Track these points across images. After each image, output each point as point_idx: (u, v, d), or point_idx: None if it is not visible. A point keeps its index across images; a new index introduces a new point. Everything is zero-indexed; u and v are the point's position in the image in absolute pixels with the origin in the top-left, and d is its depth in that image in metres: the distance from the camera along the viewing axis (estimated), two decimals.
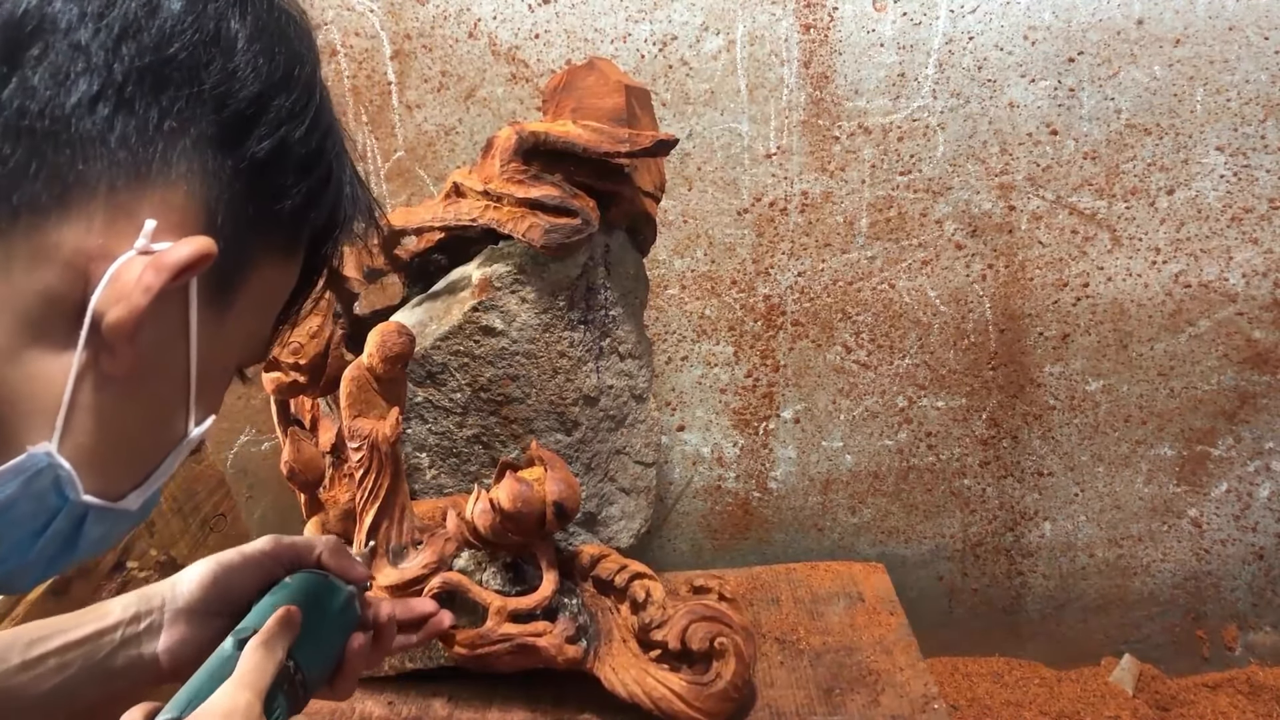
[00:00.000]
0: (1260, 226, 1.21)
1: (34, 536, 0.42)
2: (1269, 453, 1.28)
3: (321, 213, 0.46)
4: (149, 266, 0.38)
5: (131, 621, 0.63)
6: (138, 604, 0.63)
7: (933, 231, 1.22)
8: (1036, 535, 1.32)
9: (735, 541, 1.34)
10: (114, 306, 0.38)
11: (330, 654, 0.62)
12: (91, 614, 0.63)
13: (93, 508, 0.42)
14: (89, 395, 0.40)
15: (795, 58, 1.18)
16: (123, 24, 0.38)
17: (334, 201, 0.47)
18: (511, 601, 0.86)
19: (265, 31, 0.42)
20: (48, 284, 0.38)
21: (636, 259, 1.00)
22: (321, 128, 0.45)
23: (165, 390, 0.43)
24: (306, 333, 0.86)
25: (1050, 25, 1.16)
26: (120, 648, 0.62)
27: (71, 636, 0.61)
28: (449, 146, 1.21)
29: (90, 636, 0.62)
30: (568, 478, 0.84)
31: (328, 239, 0.49)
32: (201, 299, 0.42)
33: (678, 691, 0.85)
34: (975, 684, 1.29)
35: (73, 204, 0.38)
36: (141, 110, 0.38)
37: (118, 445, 0.42)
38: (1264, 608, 1.34)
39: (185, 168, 0.39)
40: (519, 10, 1.16)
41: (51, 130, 0.37)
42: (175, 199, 0.39)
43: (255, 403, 1.27)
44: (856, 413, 1.29)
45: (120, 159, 0.38)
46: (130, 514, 0.45)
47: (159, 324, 0.40)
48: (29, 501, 0.40)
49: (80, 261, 0.38)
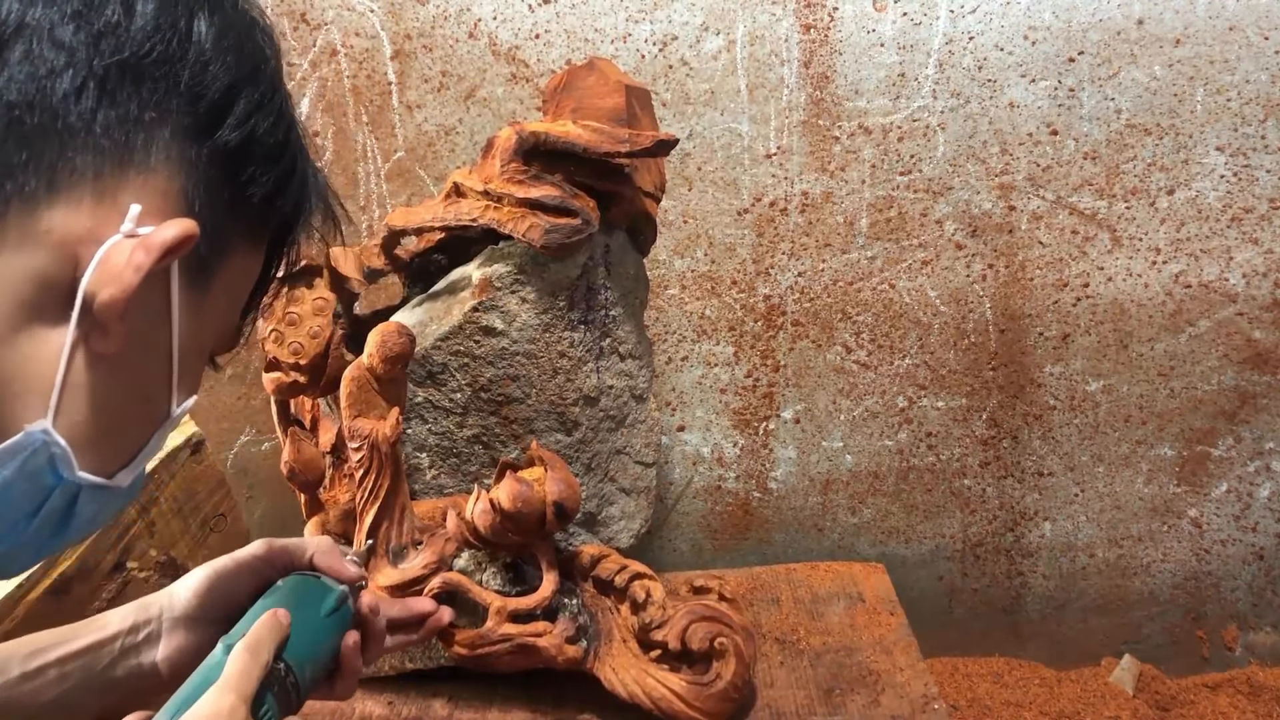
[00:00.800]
0: (1260, 226, 1.21)
1: (29, 517, 0.43)
2: (1269, 453, 1.28)
3: (288, 201, 0.49)
4: (138, 246, 0.40)
5: (130, 632, 0.63)
6: (136, 614, 0.64)
7: (933, 231, 1.22)
8: (1037, 535, 1.32)
9: (735, 542, 1.34)
10: (105, 287, 0.40)
11: (324, 654, 0.62)
12: (91, 625, 0.64)
13: (85, 486, 0.44)
14: (81, 374, 0.42)
15: (795, 58, 1.18)
16: (101, 24, 0.40)
17: (299, 192, 0.50)
18: (511, 602, 0.86)
19: (232, 29, 0.45)
20: (39, 267, 0.40)
21: (637, 259, 1.00)
22: (286, 121, 0.48)
23: (150, 370, 0.45)
24: (307, 333, 0.86)
25: (1050, 25, 1.16)
26: (120, 658, 0.63)
27: (71, 647, 0.62)
28: (449, 147, 1.21)
29: (90, 647, 0.63)
30: (568, 478, 0.84)
31: (290, 231, 0.52)
32: (182, 281, 0.44)
33: (678, 692, 0.85)
34: (975, 684, 1.29)
35: (61, 191, 0.40)
36: (123, 102, 0.41)
37: (108, 423, 0.44)
38: (1264, 608, 1.34)
39: (164, 155, 0.42)
40: (519, 10, 1.16)
41: (40, 122, 0.39)
42: (156, 185, 0.42)
43: (255, 403, 1.27)
44: (857, 413, 1.29)
45: (104, 147, 0.40)
46: (121, 491, 0.47)
47: (144, 305, 0.43)
48: (24, 481, 0.42)
49: (70, 245, 0.40)
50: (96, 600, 0.88)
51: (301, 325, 0.86)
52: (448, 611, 0.80)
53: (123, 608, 0.65)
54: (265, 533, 1.40)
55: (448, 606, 0.81)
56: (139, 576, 0.93)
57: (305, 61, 1.18)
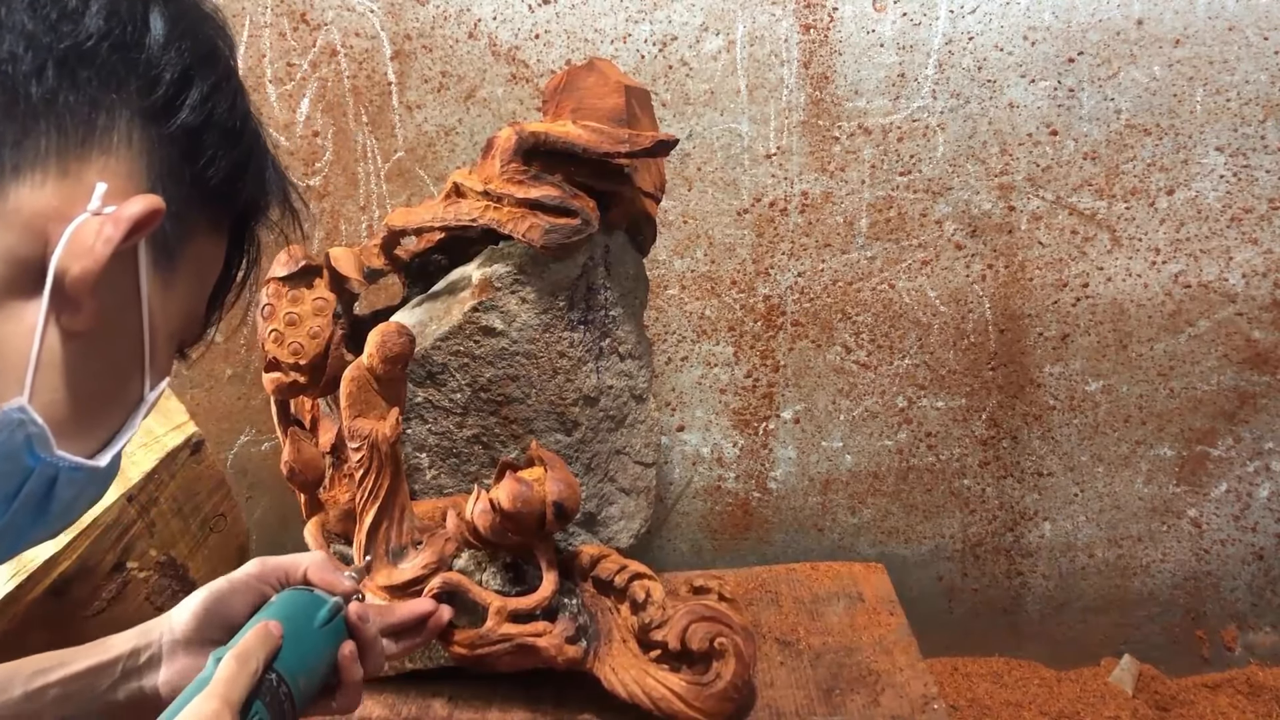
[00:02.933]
0: (1260, 227, 1.21)
1: (8, 500, 0.44)
2: (1269, 453, 1.28)
3: (246, 186, 0.50)
4: (107, 220, 0.41)
5: (131, 655, 0.64)
6: (137, 639, 0.65)
7: (932, 232, 1.22)
8: (1036, 535, 1.32)
9: (735, 542, 1.34)
10: (76, 261, 0.41)
11: (318, 665, 0.62)
12: (94, 648, 0.64)
13: (64, 467, 0.45)
14: (55, 353, 0.43)
15: (795, 58, 1.18)
16: (60, 11, 0.42)
17: (257, 178, 0.51)
18: (511, 602, 0.86)
19: (185, 18, 0.46)
20: (9, 246, 0.41)
21: (636, 259, 1.00)
22: (241, 110, 0.49)
23: (122, 349, 0.46)
24: (307, 333, 0.86)
25: (1050, 26, 1.16)
26: (121, 680, 0.64)
27: (73, 669, 0.63)
28: (449, 147, 1.21)
29: (92, 669, 0.63)
30: (567, 478, 0.84)
31: (250, 219, 0.54)
32: (149, 260, 0.45)
33: (678, 692, 0.85)
34: (975, 684, 1.29)
35: (25, 170, 0.41)
36: (83, 84, 0.42)
37: (83, 403, 0.45)
38: (1263, 608, 1.34)
39: (126, 136, 0.44)
40: (519, 11, 1.16)
41: (2, 102, 0.40)
42: (119, 165, 0.43)
43: (255, 403, 1.27)
44: (856, 413, 1.29)
45: (67, 128, 0.42)
46: (99, 472, 0.47)
47: (114, 285, 0.44)
48: (3, 461, 0.42)
49: (39, 223, 0.41)
50: (96, 600, 0.88)
51: (301, 325, 0.86)
52: (447, 610, 0.80)
53: (125, 632, 0.66)
54: (265, 532, 1.40)
55: (447, 605, 0.81)
56: (139, 576, 0.93)
57: (305, 62, 1.18)
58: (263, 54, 1.17)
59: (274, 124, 1.19)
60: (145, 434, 1.04)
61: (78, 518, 0.51)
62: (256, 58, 1.17)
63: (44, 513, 0.46)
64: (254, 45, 1.17)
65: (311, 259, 0.88)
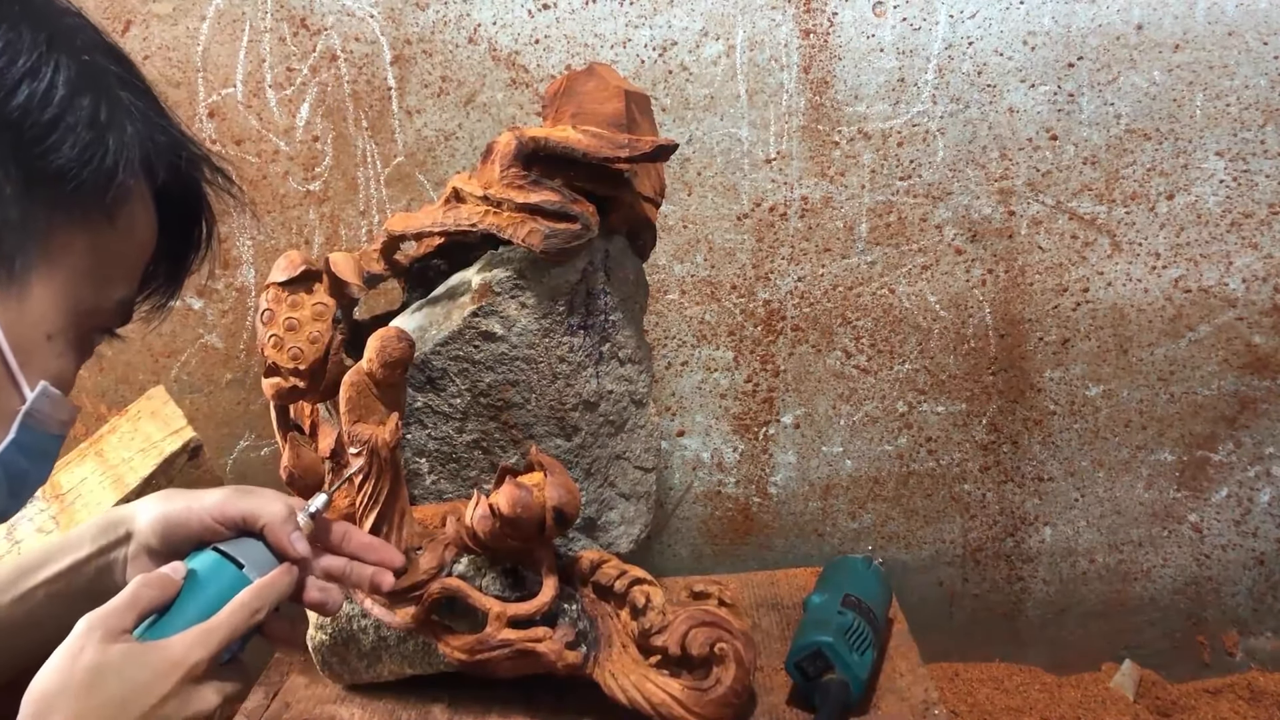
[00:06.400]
0: (1260, 231, 1.21)
1: None
2: (1269, 458, 1.28)
3: (109, 161, 0.46)
4: None
5: (99, 553, 0.67)
6: (105, 535, 0.67)
7: (932, 237, 1.22)
8: (1037, 540, 1.32)
9: (735, 547, 1.34)
10: None
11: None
12: (65, 546, 0.67)
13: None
14: None
15: (795, 63, 1.18)
16: None
17: (119, 151, 0.47)
18: (511, 607, 0.85)
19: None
20: None
21: (636, 264, 1.00)
22: (70, 82, 0.45)
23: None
24: (306, 338, 0.86)
25: (1049, 30, 1.16)
26: (96, 576, 0.67)
27: (55, 568, 0.66)
28: (449, 152, 1.21)
29: (72, 567, 0.66)
30: (567, 483, 0.84)
31: (153, 185, 0.51)
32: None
33: (677, 697, 0.85)
34: (975, 689, 1.29)
35: None
36: None
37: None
38: (1265, 613, 1.33)
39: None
40: (519, 15, 1.16)
41: None
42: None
43: (254, 408, 1.27)
44: (856, 418, 1.29)
45: None
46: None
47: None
48: None
49: None
50: None
51: (301, 330, 0.86)
52: (389, 577, 0.78)
53: (87, 525, 0.68)
54: None
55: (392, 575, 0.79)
56: None
57: (305, 67, 1.18)
58: (262, 59, 1.17)
59: (273, 129, 1.19)
60: (143, 439, 1.03)
61: None
62: (256, 62, 1.17)
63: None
64: (254, 50, 1.17)
65: (311, 264, 0.88)
